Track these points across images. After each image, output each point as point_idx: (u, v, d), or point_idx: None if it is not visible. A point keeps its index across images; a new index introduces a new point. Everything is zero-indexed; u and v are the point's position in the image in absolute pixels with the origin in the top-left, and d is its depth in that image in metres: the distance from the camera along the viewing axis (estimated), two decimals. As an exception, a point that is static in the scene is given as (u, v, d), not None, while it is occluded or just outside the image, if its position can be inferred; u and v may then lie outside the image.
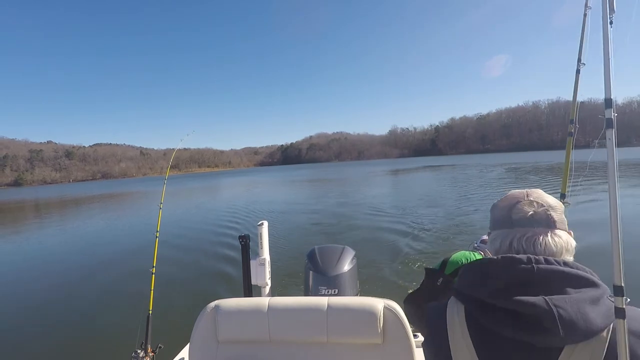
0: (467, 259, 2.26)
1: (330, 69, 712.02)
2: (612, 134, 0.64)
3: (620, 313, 0.57)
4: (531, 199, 0.85)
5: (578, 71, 2.08)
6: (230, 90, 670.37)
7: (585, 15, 1.91)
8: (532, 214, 0.82)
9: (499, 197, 0.90)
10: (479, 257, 2.27)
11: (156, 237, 2.62)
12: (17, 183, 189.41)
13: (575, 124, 2.20)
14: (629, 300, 0.58)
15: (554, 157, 55.95)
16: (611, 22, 0.70)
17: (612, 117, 0.65)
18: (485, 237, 2.42)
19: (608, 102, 0.65)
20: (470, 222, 9.93)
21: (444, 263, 2.29)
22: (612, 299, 0.60)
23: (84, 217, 20.50)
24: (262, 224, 2.58)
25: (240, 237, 2.52)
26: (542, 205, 0.83)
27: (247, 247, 2.50)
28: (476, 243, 2.48)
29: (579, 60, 2.03)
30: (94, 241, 12.05)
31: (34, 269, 8.79)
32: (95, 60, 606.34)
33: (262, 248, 2.54)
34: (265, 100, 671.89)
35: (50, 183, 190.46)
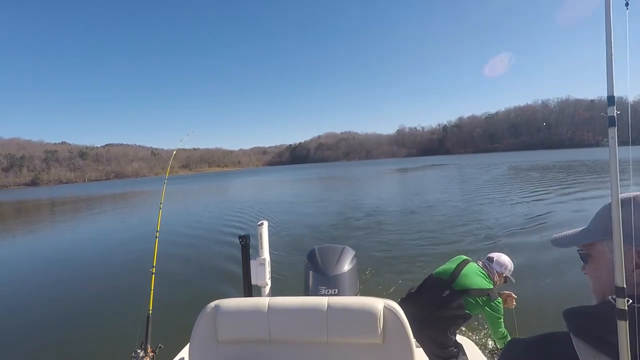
0: (480, 286, 2.38)
1: (338, 70, 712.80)
2: (614, 132, 0.63)
3: (622, 315, 0.57)
4: None
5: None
6: (239, 90, 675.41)
7: None
8: None
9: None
10: (489, 281, 2.46)
11: (156, 237, 2.63)
12: (34, 183, 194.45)
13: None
14: (630, 301, 0.58)
15: (561, 156, 56.53)
16: (627, 4, 0.64)
17: (615, 114, 0.63)
18: (492, 254, 2.65)
19: (610, 100, 0.63)
20: (472, 222, 9.96)
21: (454, 275, 2.45)
22: (614, 301, 0.59)
23: (90, 216, 20.60)
24: (262, 223, 2.59)
25: (240, 237, 2.54)
26: None
27: (247, 247, 2.52)
28: (483, 259, 2.63)
29: None
30: (95, 241, 12.00)
31: (35, 268, 8.79)
32: (104, 62, 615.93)
33: (262, 248, 2.55)
34: (273, 101, 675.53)
35: (65, 183, 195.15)
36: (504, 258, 2.64)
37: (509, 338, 2.38)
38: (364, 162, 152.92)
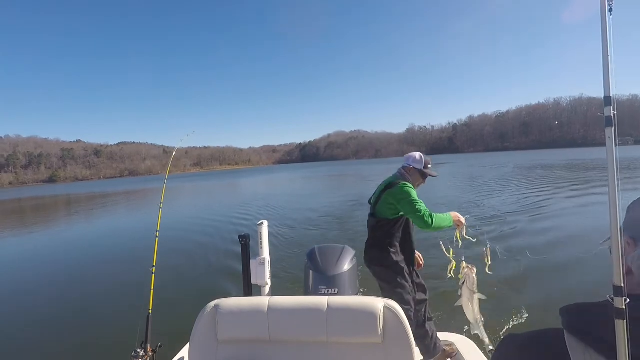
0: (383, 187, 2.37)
1: (348, 69, 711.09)
2: (611, 132, 0.64)
3: (620, 314, 0.57)
4: None
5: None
6: (249, 89, 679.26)
7: None
8: None
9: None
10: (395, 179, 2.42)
11: (156, 236, 2.62)
12: (51, 180, 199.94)
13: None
14: (628, 300, 0.58)
15: (572, 155, 55.48)
16: (610, 10, 0.65)
17: (612, 114, 0.64)
18: (415, 155, 2.54)
19: (607, 100, 0.64)
20: (473, 221, 9.91)
21: (374, 199, 2.57)
22: (612, 300, 0.59)
23: (99, 213, 20.44)
24: (262, 223, 2.58)
25: (240, 236, 2.52)
26: None
27: (247, 246, 2.51)
28: (404, 167, 2.54)
29: None
30: (98, 239, 11.88)
31: (37, 266, 8.68)
32: (115, 61, 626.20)
33: (262, 247, 2.53)
34: (284, 99, 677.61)
35: (82, 180, 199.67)
36: (412, 154, 2.61)
37: (432, 218, 2.35)
38: (373, 161, 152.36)
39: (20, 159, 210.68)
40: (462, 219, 2.45)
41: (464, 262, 2.43)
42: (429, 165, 2.60)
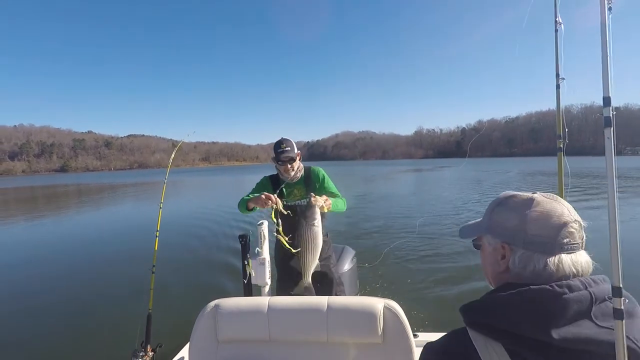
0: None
1: (357, 68, 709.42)
2: (610, 133, 0.64)
3: (618, 314, 0.58)
4: (578, 219, 0.71)
5: (558, 86, 1.92)
6: (258, 87, 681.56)
7: (556, 30, 1.81)
8: (580, 242, 0.70)
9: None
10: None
11: (156, 236, 2.60)
12: (63, 169, 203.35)
13: (564, 139, 2.03)
14: (627, 301, 0.59)
15: (582, 163, 55.26)
16: (610, 9, 0.65)
17: (611, 115, 0.64)
18: None
19: (606, 101, 0.64)
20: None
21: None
22: (611, 300, 0.60)
23: (103, 208, 20.27)
24: (261, 223, 2.55)
25: (240, 236, 2.51)
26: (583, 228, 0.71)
27: (247, 246, 2.50)
28: None
29: (557, 75, 1.89)
30: (97, 236, 11.57)
31: (35, 262, 8.47)
32: (125, 53, 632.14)
33: (262, 247, 2.52)
34: (292, 98, 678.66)
35: (92, 170, 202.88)
36: None
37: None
38: (379, 162, 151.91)
39: (33, 147, 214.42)
40: (272, 197, 2.18)
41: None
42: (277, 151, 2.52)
